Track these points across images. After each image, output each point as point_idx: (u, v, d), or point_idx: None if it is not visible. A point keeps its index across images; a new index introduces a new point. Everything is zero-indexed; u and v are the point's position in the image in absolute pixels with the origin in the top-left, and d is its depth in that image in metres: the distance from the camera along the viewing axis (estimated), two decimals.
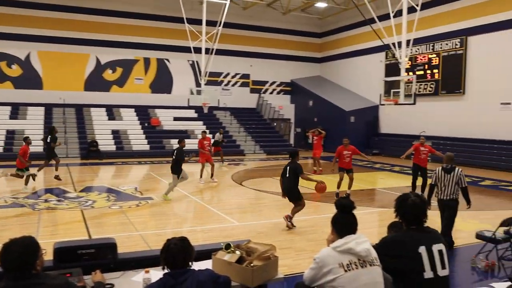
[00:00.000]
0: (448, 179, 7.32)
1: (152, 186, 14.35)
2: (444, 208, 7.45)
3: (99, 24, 26.58)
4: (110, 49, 26.99)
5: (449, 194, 7.33)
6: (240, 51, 30.24)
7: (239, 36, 30.07)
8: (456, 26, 22.11)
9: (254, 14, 30.24)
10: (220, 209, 10.81)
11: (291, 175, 8.95)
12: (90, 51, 26.66)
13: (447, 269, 3.24)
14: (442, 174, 7.39)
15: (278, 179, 9.45)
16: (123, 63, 27.53)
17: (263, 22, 30.84)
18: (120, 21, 27.04)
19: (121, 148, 23.52)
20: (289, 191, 9.00)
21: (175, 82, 28.68)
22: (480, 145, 20.33)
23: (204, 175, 15.83)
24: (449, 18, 22.48)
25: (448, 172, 7.36)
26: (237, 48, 30.09)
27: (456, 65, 22.09)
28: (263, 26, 30.91)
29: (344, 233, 3.18)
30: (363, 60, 28.57)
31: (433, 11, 22.82)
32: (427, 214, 3.32)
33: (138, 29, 27.45)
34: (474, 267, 6.65)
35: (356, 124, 26.77)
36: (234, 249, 3.80)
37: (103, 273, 3.58)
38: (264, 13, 30.39)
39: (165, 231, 8.61)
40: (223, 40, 25.30)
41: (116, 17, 26.94)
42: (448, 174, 7.34)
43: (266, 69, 31.39)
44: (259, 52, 30.98)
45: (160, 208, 10.90)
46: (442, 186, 7.36)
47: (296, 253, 7.23)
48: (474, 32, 21.29)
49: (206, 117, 27.43)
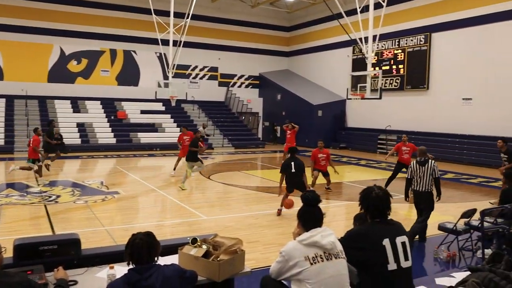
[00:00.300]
0: (423, 171, 7.56)
1: (118, 180, 14.11)
2: (420, 201, 7.68)
3: (63, 13, 25.83)
4: (75, 39, 26.29)
5: (425, 185, 7.57)
6: (208, 44, 30.02)
7: (208, 28, 29.84)
8: (420, 23, 22.59)
9: (222, 7, 30.05)
10: (188, 203, 10.73)
11: (297, 170, 9.27)
12: (54, 41, 25.91)
13: (410, 260, 3.31)
14: (417, 167, 7.64)
15: (246, 173, 9.45)
16: (89, 54, 26.87)
17: (232, 15, 30.69)
18: (86, 11, 26.37)
19: (87, 142, 23.03)
20: (301, 185, 9.23)
21: (142, 75, 28.24)
22: (443, 139, 20.90)
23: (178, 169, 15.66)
24: (414, 15, 22.93)
25: (422, 165, 7.61)
26: (205, 41, 29.86)
27: (420, 61, 22.59)
28: (232, 19, 30.76)
29: (309, 227, 3.20)
30: (331, 55, 28.84)
31: (398, 7, 23.23)
32: (391, 207, 3.38)
33: (105, 20, 26.85)
34: (436, 258, 6.84)
35: (324, 118, 27.04)
36: (200, 243, 3.77)
37: (66, 269, 3.49)
38: (232, 6, 30.25)
39: (132, 226, 8.48)
40: (191, 33, 25.03)
41: (81, 7, 26.26)
42: (422, 167, 7.59)
43: (234, 62, 31.29)
44: (228, 45, 30.83)
45: (127, 203, 10.73)
46: (418, 178, 7.61)
47: (264, 247, 7.26)
48: (438, 28, 21.80)
49: (174, 110, 27.16)
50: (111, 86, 27.42)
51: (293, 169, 9.29)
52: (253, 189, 13.02)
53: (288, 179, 9.42)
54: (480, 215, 6.70)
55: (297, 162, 9.41)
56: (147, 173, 15.79)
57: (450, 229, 7.05)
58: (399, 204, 11.00)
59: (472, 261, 6.77)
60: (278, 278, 3.17)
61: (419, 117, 22.48)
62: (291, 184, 9.40)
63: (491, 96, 19.27)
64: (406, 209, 10.54)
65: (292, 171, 9.29)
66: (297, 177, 9.29)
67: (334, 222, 9.29)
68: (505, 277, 3.37)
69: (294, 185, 9.33)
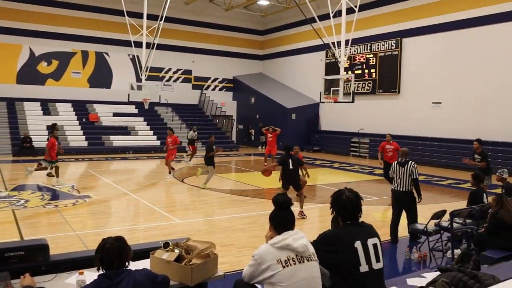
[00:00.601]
0: (403, 172, 7.79)
1: (90, 184, 13.85)
2: (403, 201, 7.90)
3: (33, 13, 25.27)
4: (45, 40, 25.74)
5: (405, 186, 7.79)
6: (182, 47, 29.86)
7: (181, 31, 29.67)
8: (392, 28, 23.01)
9: (196, 10, 29.95)
10: (161, 207, 10.61)
11: (294, 166, 9.72)
12: (23, 42, 25.30)
13: (382, 262, 3.34)
14: (397, 168, 7.89)
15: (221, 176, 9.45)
16: (60, 55, 26.34)
17: (206, 17, 30.61)
18: (56, 11, 25.87)
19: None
20: (296, 182, 9.75)
21: (115, 77, 27.85)
22: (414, 142, 21.26)
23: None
24: (385, 20, 23.34)
25: (402, 166, 7.85)
26: (179, 44, 29.70)
27: (392, 65, 22.99)
28: (206, 21, 30.69)
29: (281, 230, 3.20)
30: (304, 59, 29.06)
31: (370, 12, 23.60)
32: (361, 209, 3.40)
33: (76, 21, 26.38)
34: (408, 259, 6.95)
35: (297, 121, 27.20)
36: (172, 247, 3.73)
37: (33, 276, 3.39)
38: (206, 9, 30.18)
39: (104, 230, 8.32)
40: (164, 35, 24.85)
41: (52, 7, 25.75)
42: (402, 168, 7.82)
43: (208, 65, 31.19)
44: (202, 48, 30.73)
45: (99, 207, 10.55)
46: (398, 178, 7.84)
47: (238, 250, 7.23)
48: (408, 34, 22.24)
49: (147, 113, 26.87)
50: (82, 88, 26.95)
51: (291, 165, 9.66)
52: (227, 192, 12.98)
53: (285, 175, 9.77)
54: (449, 216, 6.84)
55: (294, 158, 9.83)
56: (119, 177, 15.56)
57: (421, 230, 7.17)
58: (371, 206, 11.14)
59: (443, 261, 6.90)
60: (250, 281, 3.15)
61: (390, 121, 22.85)
62: (287, 180, 9.75)
63: (460, 100, 19.76)
64: (379, 211, 10.68)
65: (290, 167, 9.66)
66: (293, 174, 9.72)
67: (308, 225, 9.33)
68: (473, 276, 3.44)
69: (290, 182, 9.71)
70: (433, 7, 21.03)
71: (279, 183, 12.25)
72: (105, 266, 2.91)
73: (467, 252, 4.37)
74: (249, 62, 33.19)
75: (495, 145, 17.91)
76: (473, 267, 3.88)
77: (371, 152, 22.95)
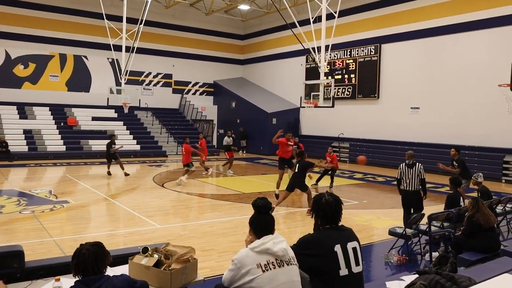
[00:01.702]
0: (411, 173, 8.57)
1: (68, 189, 13.63)
2: (410, 200, 8.59)
3: (10, 15, 24.82)
4: (22, 43, 25.30)
5: (413, 186, 8.52)
6: (162, 51, 29.71)
7: (161, 35, 29.54)
8: (371, 34, 23.29)
9: (176, 13, 29.85)
10: (141, 211, 10.51)
11: (300, 171, 10.51)
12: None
13: (361, 265, 3.37)
14: (405, 169, 8.67)
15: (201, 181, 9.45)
16: (37, 58, 25.93)
17: (186, 21, 30.54)
18: (33, 13, 25.45)
19: (34, 149, 22.15)
20: (302, 185, 10.48)
21: (94, 80, 27.54)
22: (393, 147, 21.55)
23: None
24: (365, 26, 23.62)
25: (410, 167, 8.64)
26: (159, 47, 29.54)
27: (371, 70, 23.26)
28: (186, 26, 30.60)
29: (261, 234, 3.20)
30: (285, 63, 29.20)
31: (350, 18, 23.87)
32: (341, 213, 3.43)
33: (54, 23, 26.02)
34: (387, 262, 7.01)
35: (278, 126, 27.21)
36: (152, 252, 3.70)
37: (8, 283, 3.32)
38: (186, 13, 30.11)
39: (82, 236, 8.19)
40: (144, 39, 24.70)
41: (28, 9, 25.34)
42: (410, 169, 8.62)
43: (188, 70, 31.10)
44: (182, 52, 30.62)
45: (77, 212, 10.39)
46: (407, 179, 8.59)
47: (219, 255, 7.21)
48: (388, 40, 22.55)
49: (127, 117, 26.64)
50: (60, 92, 26.55)
51: (296, 169, 10.54)
52: (208, 197, 12.94)
53: (291, 178, 10.61)
54: (427, 219, 6.94)
55: (301, 163, 10.60)
56: (98, 182, 15.36)
57: (400, 234, 7.25)
58: (351, 210, 11.23)
59: (421, 264, 6.99)
60: (230, 286, 3.14)
61: (370, 125, 23.10)
62: (292, 183, 10.43)
63: (437, 105, 20.09)
64: (359, 215, 10.77)
65: (296, 171, 10.53)
66: (299, 178, 10.42)
67: (289, 229, 9.35)
68: (450, 278, 3.49)
69: (296, 185, 10.42)
70: (412, 13, 21.38)
71: (274, 185, 12.60)
72: (81, 272, 2.87)
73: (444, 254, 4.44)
74: (229, 67, 33.20)
75: (472, 150, 18.25)
76: (450, 270, 3.94)
77: (351, 156, 23.15)
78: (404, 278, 4.15)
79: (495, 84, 15.47)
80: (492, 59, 17.95)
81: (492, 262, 4.94)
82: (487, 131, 18.16)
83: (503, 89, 13.74)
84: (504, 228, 8.29)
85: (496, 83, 15.17)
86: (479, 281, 3.62)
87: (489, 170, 16.89)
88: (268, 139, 25.86)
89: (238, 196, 13.01)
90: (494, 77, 16.75)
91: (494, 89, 16.07)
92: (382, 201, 12.68)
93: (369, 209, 11.61)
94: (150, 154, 24.57)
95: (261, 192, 13.53)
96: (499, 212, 8.48)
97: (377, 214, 11.04)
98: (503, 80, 14.16)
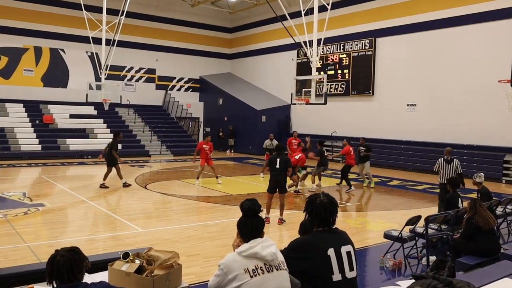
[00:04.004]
0: (449, 168, 10.20)
1: (44, 191, 13.51)
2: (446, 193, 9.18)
3: None
4: None
5: None
6: (145, 44, 29.54)
7: (144, 27, 29.38)
8: (365, 27, 23.38)
9: (160, 5, 29.72)
10: (122, 215, 10.45)
11: (281, 166, 9.85)
12: None
13: (355, 270, 3.37)
14: (444, 164, 10.30)
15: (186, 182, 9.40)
16: (9, 51, 25.61)
17: (170, 13, 30.41)
18: (5, 3, 25.10)
19: (7, 149, 21.90)
20: (282, 185, 9.96)
21: (72, 75, 27.30)
22: (388, 146, 21.68)
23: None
24: (359, 19, 23.72)
25: (448, 163, 10.26)
26: (142, 41, 29.37)
27: (365, 66, 23.37)
28: (170, 18, 30.48)
29: (249, 237, 3.19)
30: (275, 58, 29.22)
31: (344, 11, 23.95)
32: (336, 215, 3.42)
33: (28, 13, 25.71)
34: (382, 267, 7.04)
35: (268, 123, 27.30)
36: (133, 258, 3.67)
37: None
38: (171, 4, 29.99)
39: (59, 242, 8.12)
40: (126, 31, 24.54)
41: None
42: (448, 164, 10.24)
43: (173, 64, 30.98)
44: (166, 46, 30.49)
45: (54, 216, 10.29)
46: (444, 173, 10.16)
47: (205, 260, 7.20)
48: (383, 33, 22.66)
49: (107, 115, 26.44)
50: (35, 87, 26.29)
51: (278, 164, 9.85)
52: (193, 199, 12.91)
53: (271, 176, 9.93)
54: (424, 222, 6.98)
55: (283, 158, 10.03)
56: (76, 183, 15.25)
57: (396, 237, 7.28)
58: (346, 212, 11.27)
59: (418, 268, 7.03)
60: None
61: (364, 123, 23.20)
62: (273, 182, 9.86)
63: (435, 102, 20.23)
64: (353, 217, 10.81)
65: (276, 166, 9.85)
66: (280, 175, 9.83)
67: (279, 232, 9.35)
68: (447, 283, 3.50)
69: (277, 184, 9.80)
70: (408, 6, 21.51)
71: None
72: (56, 280, 2.83)
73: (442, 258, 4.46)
74: (216, 61, 33.14)
75: (471, 149, 18.41)
76: (448, 274, 3.96)
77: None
78: (400, 283, 4.17)
79: (495, 80, 15.65)
80: (492, 54, 18.13)
81: (491, 266, 4.97)
82: (487, 129, 18.33)
83: (503, 85, 13.88)
84: (504, 231, 8.36)
85: (496, 78, 15.35)
86: (478, 286, 3.64)
87: (489, 170, 17.05)
88: (257, 137, 25.92)
89: (225, 198, 12.99)
90: (494, 72, 16.91)
91: (493, 85, 16.24)
92: (377, 203, 12.75)
93: (363, 211, 11.66)
94: (132, 153, 24.43)
95: (249, 193, 13.52)
96: (499, 214, 8.56)
97: (371, 216, 11.09)
98: (503, 75, 14.32)
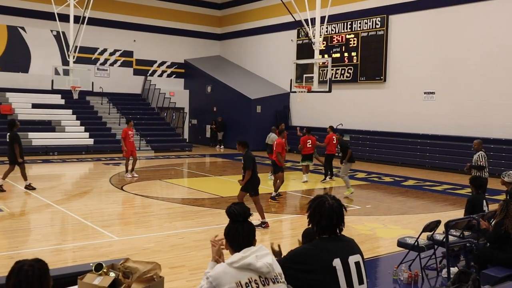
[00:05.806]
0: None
1: (0, 193, 13.44)
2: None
3: None
4: None
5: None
6: (120, 22, 29.46)
7: (120, 2, 29.29)
8: (376, 3, 23.33)
9: None
10: (94, 221, 10.43)
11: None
12: None
13: (365, 284, 3.36)
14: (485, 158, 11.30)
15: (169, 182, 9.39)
16: None
17: None
18: None
19: None
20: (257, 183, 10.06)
21: (34, 58, 27.18)
22: (403, 140, 21.70)
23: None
24: None
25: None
26: (117, 18, 29.29)
27: (376, 48, 23.35)
28: None
29: (240, 247, 3.18)
30: (272, 39, 29.19)
31: None
32: (344, 220, 3.40)
33: None
34: (396, 279, 7.05)
35: (263, 114, 27.31)
36: (107, 270, 3.67)
37: None
38: None
39: (19, 252, 8.11)
40: (98, 7, 24.43)
41: None
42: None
43: (153, 46, 30.90)
44: (145, 25, 30.37)
45: (13, 222, 10.26)
46: (487, 168, 11.23)
47: (191, 272, 7.20)
48: (396, 10, 22.61)
49: (77, 105, 26.37)
50: None
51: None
52: (178, 202, 12.90)
53: (253, 177, 9.97)
54: (444, 227, 6.97)
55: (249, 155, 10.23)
56: (41, 184, 15.16)
57: (411, 245, 7.28)
58: (353, 216, 11.29)
59: (437, 281, 7.06)
60: None
61: (375, 114, 23.22)
62: (254, 182, 9.96)
63: (457, 89, 20.21)
64: (361, 222, 10.83)
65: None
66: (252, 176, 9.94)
67: (276, 240, 9.35)
68: None
69: (258, 184, 10.02)
70: None
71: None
72: None
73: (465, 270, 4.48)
74: (204, 43, 33.08)
75: (498, 143, 18.45)
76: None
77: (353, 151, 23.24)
78: None
79: None
80: None
81: None
82: None
83: None
84: None
85: None
86: None
87: None
88: (252, 131, 25.91)
89: (214, 201, 12.99)
90: None
91: None
92: (389, 206, 12.78)
93: (373, 215, 11.69)
94: (106, 149, 24.35)
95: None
96: None
97: (383, 221, 11.12)
98: None
